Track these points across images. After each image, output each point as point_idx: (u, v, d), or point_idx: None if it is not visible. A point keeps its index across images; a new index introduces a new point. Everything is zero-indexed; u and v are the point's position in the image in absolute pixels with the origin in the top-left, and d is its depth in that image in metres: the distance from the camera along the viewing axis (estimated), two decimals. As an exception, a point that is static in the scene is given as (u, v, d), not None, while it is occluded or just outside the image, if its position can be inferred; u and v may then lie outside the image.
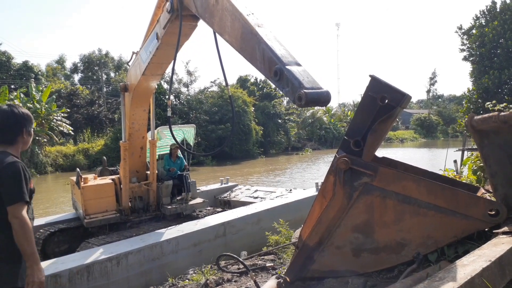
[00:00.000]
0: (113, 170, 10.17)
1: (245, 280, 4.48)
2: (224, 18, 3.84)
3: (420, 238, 2.99)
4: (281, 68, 2.96)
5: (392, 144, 59.06)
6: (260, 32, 3.29)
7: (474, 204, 2.92)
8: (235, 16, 3.63)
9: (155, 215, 9.59)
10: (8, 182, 2.62)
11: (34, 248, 2.65)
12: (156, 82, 7.87)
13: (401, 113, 3.40)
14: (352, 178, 3.01)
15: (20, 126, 2.83)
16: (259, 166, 32.43)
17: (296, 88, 2.80)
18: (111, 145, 31.56)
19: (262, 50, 3.22)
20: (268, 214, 8.84)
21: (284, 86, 2.96)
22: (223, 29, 3.92)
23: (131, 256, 6.61)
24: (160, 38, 6.02)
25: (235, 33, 3.66)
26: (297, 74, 2.88)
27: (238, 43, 3.61)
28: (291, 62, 3.03)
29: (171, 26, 5.65)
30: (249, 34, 3.42)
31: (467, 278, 2.08)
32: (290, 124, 48.25)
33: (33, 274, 2.60)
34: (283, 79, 2.96)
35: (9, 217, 2.58)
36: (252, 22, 3.43)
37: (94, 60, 52.38)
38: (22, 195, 2.61)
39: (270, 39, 3.25)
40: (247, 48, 3.49)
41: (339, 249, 3.21)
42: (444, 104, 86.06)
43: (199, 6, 4.46)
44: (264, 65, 3.21)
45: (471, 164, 5.12)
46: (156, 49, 6.30)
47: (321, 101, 2.83)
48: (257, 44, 3.28)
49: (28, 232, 2.60)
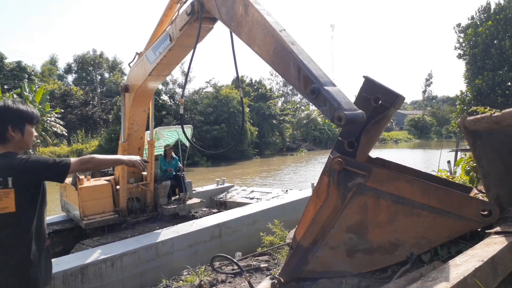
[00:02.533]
0: (105, 171, 10.14)
1: (239, 281, 4.47)
2: (255, 31, 3.87)
3: (414, 238, 2.99)
4: (319, 88, 3.04)
5: (386, 145, 59.30)
6: (295, 50, 3.38)
7: (467, 204, 2.93)
8: (267, 31, 3.67)
9: (152, 216, 9.60)
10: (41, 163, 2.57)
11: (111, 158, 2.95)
12: (160, 83, 7.92)
13: (394, 114, 3.42)
14: (346, 178, 3.00)
15: (4, 122, 2.61)
16: (254, 167, 32.43)
17: (335, 108, 2.88)
18: (105, 146, 31.47)
19: (298, 68, 3.30)
20: (264, 215, 8.84)
21: (321, 104, 3.05)
22: (252, 41, 3.95)
23: (126, 257, 6.59)
24: (175, 40, 6.05)
25: (267, 47, 3.72)
26: (335, 95, 2.97)
27: (270, 57, 3.69)
28: (327, 83, 3.12)
29: (188, 28, 5.69)
30: (283, 50, 3.49)
31: (460, 278, 2.08)
32: (285, 125, 48.32)
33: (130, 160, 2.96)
34: (320, 98, 3.04)
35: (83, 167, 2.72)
36: (286, 39, 3.50)
37: (88, 60, 52.20)
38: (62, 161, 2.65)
39: (305, 58, 3.33)
40: (280, 63, 3.58)
41: (333, 250, 3.21)
42: (438, 105, 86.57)
43: (224, 13, 4.45)
44: (300, 82, 3.31)
45: (464, 164, 5.14)
46: (168, 50, 6.32)
47: (358, 121, 2.88)
48: (292, 61, 3.36)
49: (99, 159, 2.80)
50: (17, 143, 2.67)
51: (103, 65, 53.73)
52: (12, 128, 2.62)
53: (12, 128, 2.62)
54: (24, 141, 2.71)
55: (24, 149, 2.78)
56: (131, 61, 7.90)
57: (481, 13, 20.39)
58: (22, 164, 2.51)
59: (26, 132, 2.70)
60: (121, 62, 54.89)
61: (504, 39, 18.82)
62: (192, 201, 10.10)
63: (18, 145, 2.69)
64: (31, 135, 2.76)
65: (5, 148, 2.62)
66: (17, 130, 2.64)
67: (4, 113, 2.62)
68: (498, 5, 19.78)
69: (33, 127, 2.76)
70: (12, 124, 2.62)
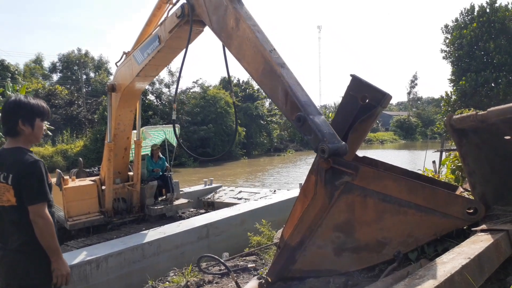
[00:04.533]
0: (90, 171, 10.01)
1: (226, 281, 4.45)
2: (245, 47, 3.82)
3: (401, 236, 3.00)
4: (305, 117, 3.07)
5: (372, 145, 59.83)
6: (284, 74, 3.37)
7: (453, 202, 2.95)
8: (257, 49, 3.63)
9: (138, 217, 9.50)
10: (30, 183, 2.65)
11: (57, 243, 2.76)
12: (147, 84, 7.83)
13: (381, 114, 3.44)
14: (333, 177, 3.00)
15: (15, 116, 2.75)
16: (242, 168, 32.41)
17: (319, 140, 2.93)
18: (91, 146, 31.10)
19: (285, 93, 3.30)
20: (251, 215, 8.81)
21: (306, 133, 3.09)
22: (241, 56, 3.91)
23: (111, 259, 6.50)
24: (164, 41, 5.97)
25: (256, 66, 3.69)
26: (320, 126, 3.00)
27: (258, 77, 3.68)
28: (313, 112, 3.15)
29: (178, 30, 5.59)
30: (271, 72, 3.47)
31: (447, 275, 2.10)
32: (272, 126, 48.38)
33: (59, 267, 2.73)
34: (306, 127, 3.08)
35: (32, 216, 2.63)
36: (275, 60, 3.48)
37: (74, 59, 51.51)
38: (45, 195, 2.68)
39: (294, 83, 3.33)
40: (268, 84, 3.57)
41: (320, 249, 3.21)
42: (423, 106, 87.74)
43: (214, 22, 4.37)
44: (286, 107, 3.33)
45: (449, 163, 5.21)
46: (156, 51, 6.24)
47: (341, 153, 2.93)
48: (280, 85, 3.36)
49: (51, 229, 2.70)
50: (27, 136, 2.80)
51: (88, 65, 53.09)
52: (22, 122, 2.75)
53: (22, 122, 2.75)
54: (34, 135, 2.83)
55: (33, 143, 2.93)
56: (118, 61, 7.80)
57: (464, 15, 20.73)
58: (22, 170, 2.66)
59: (36, 126, 2.82)
60: (106, 62, 54.37)
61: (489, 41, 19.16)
62: (179, 201, 10.02)
63: (28, 139, 2.82)
64: (40, 129, 2.88)
65: (15, 141, 2.78)
66: (27, 124, 2.77)
67: (15, 107, 2.77)
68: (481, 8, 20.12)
69: (43, 122, 2.88)
70: (22, 118, 2.75)
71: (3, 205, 2.72)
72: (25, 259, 2.70)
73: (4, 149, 2.83)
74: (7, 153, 2.77)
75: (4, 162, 2.72)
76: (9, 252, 2.73)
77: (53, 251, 2.70)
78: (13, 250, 2.72)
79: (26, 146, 2.82)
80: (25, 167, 2.66)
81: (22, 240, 2.70)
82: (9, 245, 2.73)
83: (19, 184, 2.65)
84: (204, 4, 4.52)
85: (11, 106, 2.79)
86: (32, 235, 2.66)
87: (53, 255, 2.71)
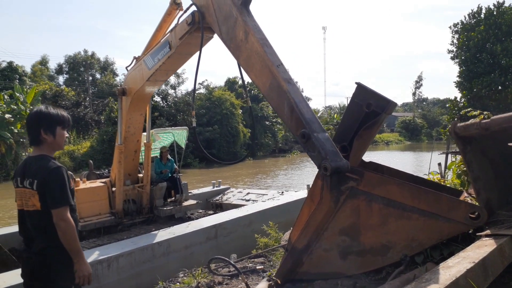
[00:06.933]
0: (100, 173, 10.14)
1: (236, 282, 4.51)
2: (253, 60, 3.88)
3: (405, 240, 3.07)
4: (309, 134, 3.17)
5: (378, 147, 59.63)
6: (290, 90, 3.45)
7: (456, 207, 3.01)
8: (265, 64, 3.70)
9: (148, 218, 9.61)
10: (53, 187, 2.78)
11: (79, 245, 2.90)
12: (157, 88, 7.91)
13: (386, 119, 3.52)
14: (339, 182, 3.08)
15: (37, 126, 2.90)
16: (247, 169, 32.45)
17: (322, 157, 3.03)
18: (97, 147, 31.28)
19: (291, 108, 3.39)
20: (259, 216, 8.87)
21: (310, 150, 3.18)
22: (250, 68, 3.98)
23: (122, 258, 6.60)
24: (174, 48, 6.06)
25: (263, 79, 3.77)
26: (324, 144, 3.10)
27: (266, 90, 3.75)
28: (318, 129, 3.23)
29: (188, 37, 5.66)
30: (278, 87, 3.55)
31: (452, 279, 2.17)
32: (277, 126, 48.37)
33: (81, 268, 2.86)
34: (310, 144, 3.17)
35: (55, 219, 2.76)
36: (281, 76, 3.55)
37: (80, 61, 51.71)
38: (67, 199, 2.82)
39: (299, 100, 3.42)
40: (274, 98, 3.65)
41: (326, 252, 3.29)
42: (429, 107, 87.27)
43: (224, 32, 4.41)
44: (292, 122, 3.42)
45: (455, 168, 5.28)
46: (167, 57, 6.34)
47: (343, 171, 3.02)
48: (286, 100, 3.44)
49: (73, 232, 2.83)
50: (50, 145, 2.96)
51: (94, 66, 53.25)
52: (44, 131, 2.90)
53: (44, 131, 2.90)
54: (56, 143, 2.99)
55: (56, 150, 3.10)
56: (129, 65, 7.94)
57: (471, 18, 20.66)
58: (46, 175, 2.79)
59: (57, 134, 2.97)
60: (112, 63, 54.48)
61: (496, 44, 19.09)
62: (188, 202, 10.11)
63: (51, 147, 2.98)
64: (62, 137, 3.03)
65: (39, 150, 2.94)
66: (49, 133, 2.92)
67: (36, 118, 2.93)
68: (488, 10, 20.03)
69: (64, 130, 3.04)
70: (44, 128, 2.90)
71: (28, 209, 2.86)
72: (48, 262, 2.84)
73: (29, 157, 3.00)
74: (32, 161, 2.92)
75: (29, 169, 2.88)
76: (33, 255, 2.86)
77: (75, 252, 2.84)
78: (36, 253, 2.84)
79: (49, 154, 2.97)
80: (48, 173, 2.80)
81: (45, 244, 2.84)
82: (33, 248, 2.87)
83: (43, 189, 2.79)
84: (214, 14, 4.57)
85: (33, 117, 2.96)
86: (55, 239, 2.79)
87: (76, 256, 2.85)
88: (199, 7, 5.00)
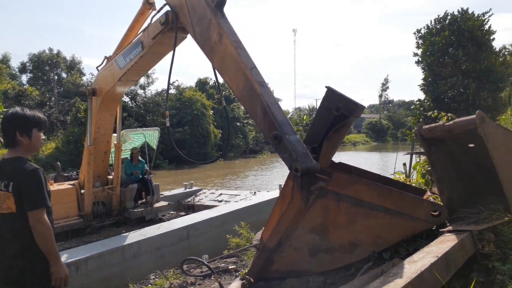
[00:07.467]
0: (68, 175, 9.90)
1: (209, 283, 4.54)
2: (227, 62, 3.89)
3: (371, 238, 3.18)
4: (281, 136, 3.22)
5: (345, 147, 60.79)
6: (263, 93, 3.49)
7: (419, 206, 3.15)
8: (239, 66, 3.72)
9: (118, 220, 9.47)
10: (30, 189, 2.74)
11: (56, 248, 2.84)
12: (128, 88, 7.82)
13: (355, 122, 3.64)
14: (309, 183, 3.16)
15: (13, 128, 2.86)
16: (218, 170, 32.38)
17: (293, 159, 3.09)
18: (63, 149, 30.34)
19: (264, 111, 3.43)
20: (232, 217, 8.93)
21: (282, 152, 3.24)
22: (224, 70, 3.99)
23: (91, 261, 6.51)
24: (147, 47, 6.00)
25: (237, 82, 3.79)
26: (295, 146, 3.16)
27: (239, 92, 3.78)
28: (289, 131, 3.30)
29: (162, 37, 5.62)
30: (251, 90, 3.58)
31: (417, 272, 2.30)
32: (248, 128, 48.49)
33: (58, 270, 2.82)
34: (282, 146, 3.23)
35: (31, 221, 2.71)
36: (255, 78, 3.58)
37: (45, 59, 50.01)
38: (44, 201, 2.78)
39: (273, 103, 3.47)
40: (248, 101, 3.69)
41: (296, 250, 3.36)
42: (394, 109, 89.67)
43: (198, 33, 4.37)
44: (264, 124, 3.46)
45: (420, 168, 5.51)
46: (139, 57, 6.27)
47: (313, 172, 3.09)
48: (259, 103, 3.49)
49: (51, 234, 2.79)
50: (25, 147, 2.91)
51: (60, 65, 51.60)
52: (20, 133, 2.86)
53: (20, 133, 2.86)
54: (32, 145, 2.94)
55: (32, 152, 3.02)
56: (99, 65, 7.82)
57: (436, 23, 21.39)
58: (22, 177, 2.75)
59: (33, 136, 2.92)
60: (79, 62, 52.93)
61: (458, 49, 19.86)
62: (159, 204, 10.03)
63: (27, 149, 2.93)
64: (38, 139, 2.98)
65: (15, 152, 2.89)
66: (25, 135, 2.88)
67: (12, 119, 2.88)
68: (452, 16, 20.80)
69: (40, 132, 2.98)
70: (20, 130, 2.86)
71: (2, 212, 2.80)
72: (21, 265, 2.77)
73: (4, 159, 2.93)
74: (7, 163, 2.87)
75: (4, 171, 2.82)
76: (7, 258, 2.81)
77: (52, 255, 2.79)
78: (10, 256, 2.79)
79: (25, 156, 2.91)
80: (25, 175, 2.76)
81: (19, 247, 2.79)
82: (6, 251, 2.81)
83: (19, 191, 2.74)
84: (188, 14, 4.55)
85: (8, 118, 2.90)
86: (29, 242, 2.73)
87: (52, 259, 2.80)
88: (172, 7, 4.97)
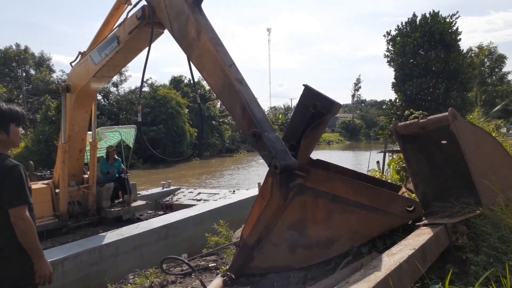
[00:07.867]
0: (41, 175, 9.65)
1: (189, 281, 4.53)
2: (205, 59, 3.87)
3: (348, 233, 3.27)
4: (260, 134, 3.25)
5: (320, 146, 61.50)
6: (242, 90, 3.50)
7: (394, 201, 3.26)
8: (217, 63, 3.70)
9: (94, 220, 9.29)
10: (11, 186, 2.66)
11: (39, 245, 2.78)
12: (103, 84, 7.67)
13: (332, 119, 3.73)
14: (287, 179, 3.22)
15: None
16: (194, 169, 32.18)
17: (272, 156, 3.14)
18: (33, 148, 29.42)
19: (243, 108, 3.45)
20: (211, 215, 8.89)
21: (261, 149, 3.28)
22: (202, 67, 3.96)
23: (67, 262, 6.38)
24: (123, 42, 5.91)
25: (215, 79, 3.78)
26: (274, 143, 3.21)
27: (218, 89, 3.78)
28: (268, 129, 3.34)
29: (138, 32, 5.55)
30: (230, 87, 3.58)
31: (396, 264, 2.40)
32: (224, 126, 48.33)
33: (42, 268, 2.77)
34: (260, 143, 3.27)
35: (13, 218, 2.64)
36: (234, 75, 3.59)
37: (12, 55, 48.29)
38: (26, 198, 2.70)
39: (252, 100, 3.49)
40: (226, 98, 3.70)
41: (276, 246, 3.41)
42: (367, 108, 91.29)
43: (175, 29, 4.33)
44: (243, 121, 3.49)
45: (394, 165, 5.68)
46: (115, 52, 6.17)
47: (291, 169, 3.15)
48: (238, 101, 3.50)
49: (33, 231, 2.72)
50: (3, 142, 2.80)
51: (28, 61, 49.92)
52: None
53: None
54: (10, 141, 2.84)
55: (11, 148, 2.93)
56: (73, 61, 7.64)
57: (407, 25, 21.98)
58: (2, 174, 2.66)
59: (11, 132, 2.82)
60: (49, 59, 51.36)
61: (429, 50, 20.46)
62: (136, 203, 9.89)
63: (5, 145, 2.83)
64: (17, 134, 2.87)
65: None
66: (2, 130, 2.77)
67: None
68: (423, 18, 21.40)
69: (19, 127, 2.87)
70: None
71: None
72: (5, 263, 2.71)
73: None
74: None
75: None
76: None
77: (35, 252, 2.73)
78: None
79: (4, 152, 2.81)
80: (5, 172, 2.67)
81: (1, 245, 2.72)
82: None
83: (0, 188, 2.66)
84: (165, 9, 4.50)
85: None
86: (10, 239, 2.67)
87: (36, 256, 2.75)
88: (149, 1, 4.92)
